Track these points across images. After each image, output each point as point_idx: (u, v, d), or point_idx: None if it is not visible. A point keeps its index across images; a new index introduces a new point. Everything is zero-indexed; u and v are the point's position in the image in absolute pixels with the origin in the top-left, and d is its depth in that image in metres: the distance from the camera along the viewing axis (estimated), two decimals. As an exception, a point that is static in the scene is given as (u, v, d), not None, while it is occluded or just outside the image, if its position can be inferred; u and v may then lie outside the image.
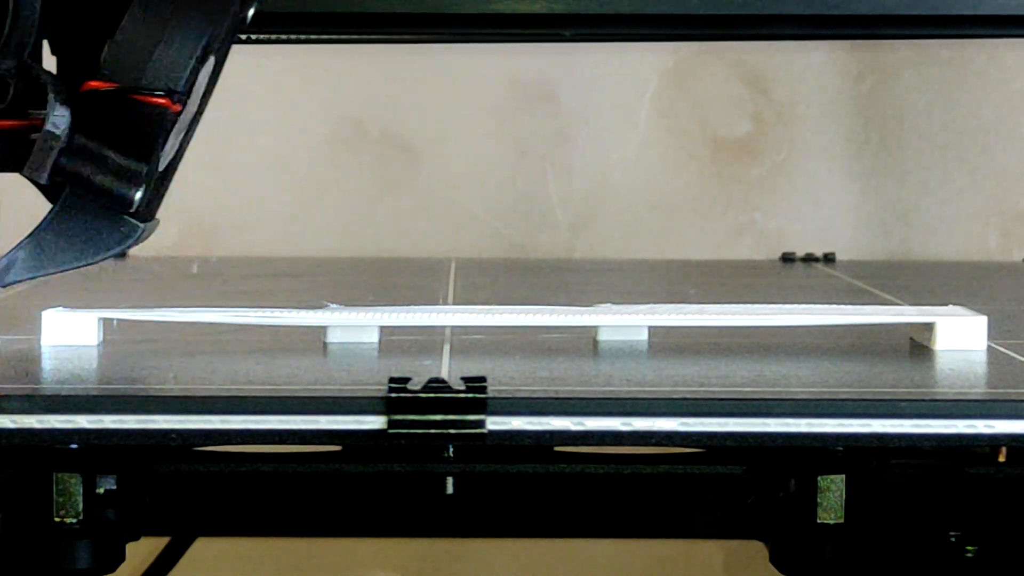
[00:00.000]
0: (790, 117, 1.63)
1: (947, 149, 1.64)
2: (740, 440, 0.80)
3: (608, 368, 0.87)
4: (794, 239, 1.62)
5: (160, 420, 0.80)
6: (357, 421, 0.80)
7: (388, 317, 0.93)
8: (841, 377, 0.86)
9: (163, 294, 1.19)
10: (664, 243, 1.63)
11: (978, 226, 1.64)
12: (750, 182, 1.64)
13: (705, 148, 1.63)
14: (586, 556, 1.61)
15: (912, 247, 1.63)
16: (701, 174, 1.63)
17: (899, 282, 1.27)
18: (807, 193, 1.63)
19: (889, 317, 0.94)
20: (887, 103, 1.64)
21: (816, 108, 1.63)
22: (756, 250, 1.63)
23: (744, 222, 1.64)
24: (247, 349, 0.91)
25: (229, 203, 1.62)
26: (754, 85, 1.64)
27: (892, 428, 0.80)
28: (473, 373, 0.81)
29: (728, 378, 0.85)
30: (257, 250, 1.61)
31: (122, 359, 0.89)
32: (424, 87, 1.63)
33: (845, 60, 1.63)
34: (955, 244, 1.63)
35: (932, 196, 1.63)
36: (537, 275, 1.37)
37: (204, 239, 1.63)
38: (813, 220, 1.63)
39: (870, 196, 1.64)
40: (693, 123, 1.63)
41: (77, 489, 0.90)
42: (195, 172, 1.61)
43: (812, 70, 1.63)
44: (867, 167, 1.64)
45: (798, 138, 1.63)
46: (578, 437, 0.80)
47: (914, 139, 1.63)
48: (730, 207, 1.64)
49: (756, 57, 1.63)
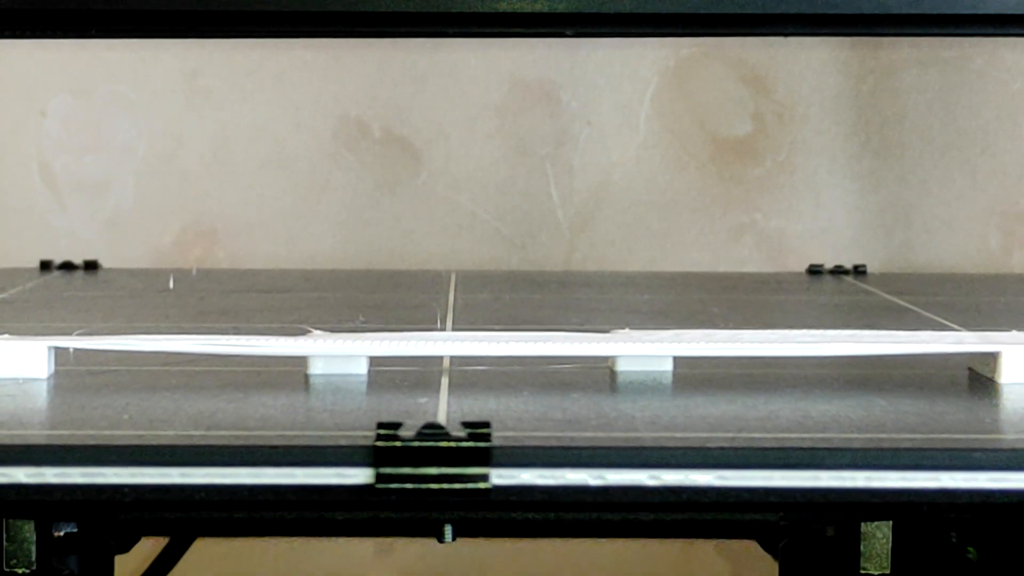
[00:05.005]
0: (790, 117, 1.53)
1: (947, 149, 1.53)
2: (786, 496, 0.61)
3: (630, 407, 0.68)
4: (794, 239, 1.52)
5: (109, 473, 0.61)
6: (339, 475, 0.61)
7: (378, 346, 0.72)
8: (899, 419, 0.66)
9: (134, 312, 0.98)
10: (664, 243, 1.52)
11: (978, 226, 1.53)
12: (750, 182, 1.53)
13: (705, 148, 1.53)
14: (586, 557, 1.50)
15: (912, 247, 1.53)
16: (701, 174, 1.53)
17: (940, 298, 1.06)
18: (807, 193, 1.53)
19: (947, 346, 0.74)
20: (888, 103, 1.53)
21: (817, 108, 1.53)
22: (756, 250, 1.52)
23: (744, 222, 1.53)
24: (217, 383, 0.71)
25: (229, 203, 1.50)
26: (754, 85, 1.53)
27: (965, 483, 0.61)
28: (475, 413, 0.62)
29: (769, 420, 0.65)
30: (257, 250, 1.50)
31: (72, 396, 0.69)
32: (425, 87, 1.52)
33: (846, 60, 1.53)
34: (955, 244, 1.53)
35: (932, 196, 1.53)
36: (544, 290, 1.15)
37: (203, 239, 1.50)
38: (813, 220, 1.52)
39: (870, 196, 1.53)
40: (693, 123, 1.53)
41: (30, 536, 0.72)
42: (195, 172, 1.50)
43: (813, 70, 1.53)
44: (867, 167, 1.53)
45: (798, 138, 1.53)
46: (598, 493, 0.61)
47: (915, 139, 1.53)
48: (730, 207, 1.53)
49: (756, 57, 1.53)
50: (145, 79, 1.48)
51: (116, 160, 1.48)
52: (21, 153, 1.48)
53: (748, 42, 1.50)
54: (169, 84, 1.48)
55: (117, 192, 1.48)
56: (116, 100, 1.48)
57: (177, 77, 1.48)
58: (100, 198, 1.48)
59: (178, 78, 1.48)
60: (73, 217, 1.47)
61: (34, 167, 1.47)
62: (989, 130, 1.52)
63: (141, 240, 1.48)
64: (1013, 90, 1.52)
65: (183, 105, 1.48)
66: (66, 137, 1.48)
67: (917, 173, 1.52)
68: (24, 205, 1.47)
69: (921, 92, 1.52)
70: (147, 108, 1.48)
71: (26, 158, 1.48)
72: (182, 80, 1.48)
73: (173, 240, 1.49)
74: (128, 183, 1.48)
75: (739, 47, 1.51)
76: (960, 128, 1.51)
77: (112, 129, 1.48)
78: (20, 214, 1.47)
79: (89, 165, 1.48)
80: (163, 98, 1.48)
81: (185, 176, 1.49)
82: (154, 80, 1.48)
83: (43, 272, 1.30)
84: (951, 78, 1.52)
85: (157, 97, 1.48)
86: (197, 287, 1.12)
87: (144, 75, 1.48)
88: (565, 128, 1.51)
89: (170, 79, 1.48)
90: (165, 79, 1.48)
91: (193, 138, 1.49)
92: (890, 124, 1.52)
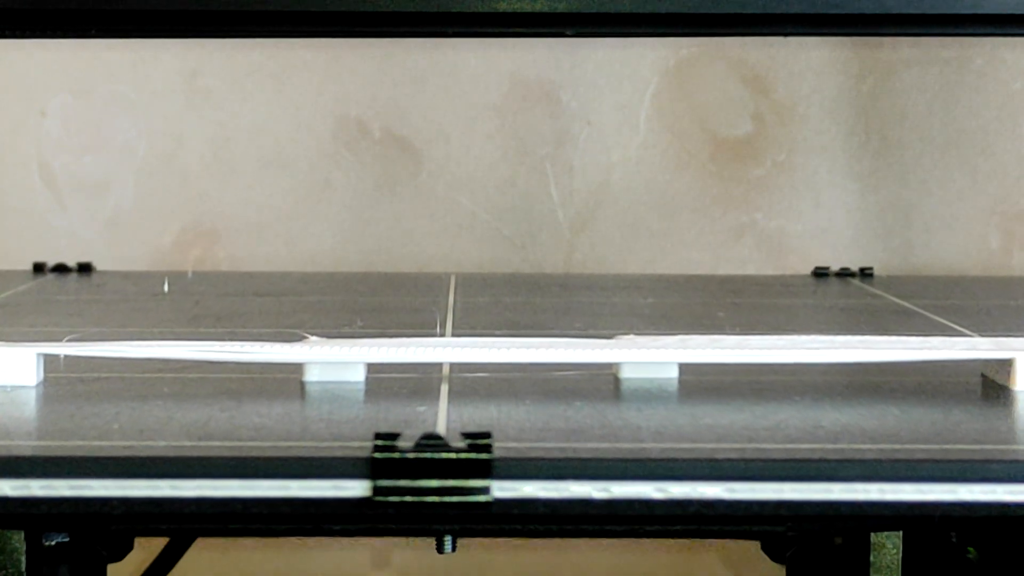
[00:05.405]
0: (791, 117, 1.50)
1: (947, 149, 1.50)
2: (797, 509, 0.58)
3: (635, 416, 0.64)
4: (794, 239, 1.49)
5: (97, 486, 0.58)
6: (336, 487, 0.58)
7: (376, 352, 0.69)
8: (913, 428, 0.62)
9: (127, 316, 0.94)
10: (664, 243, 1.49)
11: (978, 226, 1.50)
12: (750, 182, 1.50)
13: (705, 148, 1.50)
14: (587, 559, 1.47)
15: (912, 247, 1.50)
16: (701, 174, 1.50)
17: (950, 302, 1.02)
18: (807, 193, 1.50)
19: (961, 352, 0.70)
20: (888, 103, 1.51)
21: (817, 108, 1.50)
22: (756, 250, 1.49)
23: (744, 222, 1.50)
24: (210, 391, 0.68)
25: (229, 203, 1.48)
26: (754, 85, 1.50)
27: (983, 495, 0.58)
28: (475, 423, 0.58)
29: (779, 430, 0.62)
30: (257, 250, 1.47)
31: (61, 404, 0.65)
32: (425, 87, 1.49)
33: (845, 60, 1.50)
34: (955, 244, 1.50)
35: (932, 196, 1.50)
36: (545, 293, 1.12)
37: (204, 239, 1.47)
38: (813, 220, 1.49)
39: (870, 196, 1.50)
40: (693, 123, 1.50)
41: (20, 546, 0.69)
42: (195, 172, 1.48)
43: (813, 70, 1.50)
44: (867, 167, 1.50)
45: (799, 138, 1.50)
46: (603, 506, 0.57)
47: (914, 139, 1.50)
48: (730, 207, 1.50)
49: (757, 57, 1.50)
50: (145, 79, 1.46)
51: (116, 160, 1.46)
52: (21, 153, 1.46)
53: (748, 42, 1.49)
54: (169, 84, 1.46)
55: (117, 192, 1.46)
56: (116, 100, 1.46)
57: (177, 77, 1.46)
58: (100, 198, 1.46)
59: (178, 78, 1.46)
60: (73, 217, 1.46)
61: (34, 167, 1.45)
62: (989, 130, 1.49)
63: (141, 240, 1.46)
64: (1013, 90, 1.50)
65: (183, 105, 1.46)
66: (66, 137, 1.46)
67: (917, 173, 1.49)
68: (24, 205, 1.45)
69: (921, 92, 1.49)
70: (147, 108, 1.46)
71: (26, 158, 1.46)
72: (182, 80, 1.46)
73: (173, 240, 1.46)
74: (128, 183, 1.46)
75: (739, 47, 1.49)
76: (960, 128, 1.49)
77: (112, 129, 1.46)
78: (20, 214, 1.45)
79: (89, 165, 1.46)
80: (163, 98, 1.46)
81: (185, 176, 1.47)
82: (154, 80, 1.46)
83: (36, 274, 1.27)
84: (951, 78, 1.50)
85: (157, 97, 1.46)
86: (192, 290, 1.08)
87: (144, 75, 1.46)
88: (565, 128, 1.49)
89: (170, 79, 1.46)
90: (165, 79, 1.46)
91: (193, 138, 1.47)
92: (890, 124, 1.50)
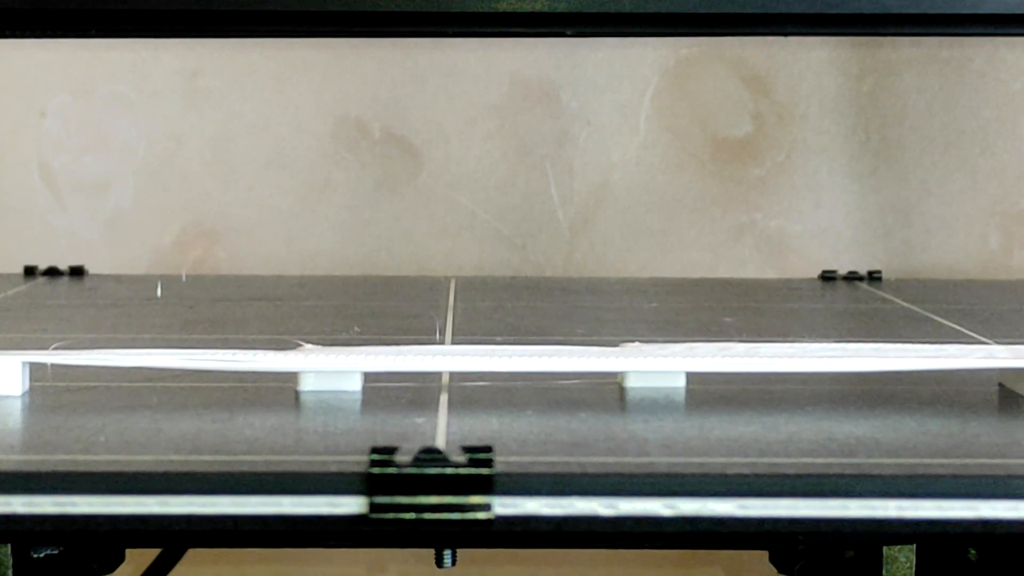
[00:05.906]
0: (791, 117, 1.47)
1: (947, 149, 1.48)
2: (811, 526, 0.55)
3: (641, 428, 0.60)
4: (794, 239, 1.46)
5: (82, 503, 0.54)
6: (330, 504, 0.55)
7: (373, 361, 0.65)
8: (931, 441, 0.59)
9: (118, 322, 0.90)
10: (664, 243, 1.47)
11: (978, 226, 1.48)
12: (750, 182, 1.47)
13: (705, 148, 1.47)
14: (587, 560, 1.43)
15: (912, 247, 1.47)
16: (701, 174, 1.47)
17: (960, 306, 0.99)
18: (807, 193, 1.47)
19: (978, 361, 0.66)
20: (888, 103, 1.48)
21: (817, 108, 1.47)
22: (756, 250, 1.46)
23: (744, 222, 1.47)
24: (201, 401, 0.64)
25: (229, 203, 1.45)
26: (754, 85, 1.47)
27: (1005, 512, 0.54)
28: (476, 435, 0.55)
29: (792, 443, 0.58)
30: (256, 250, 1.44)
31: (46, 415, 0.62)
32: (425, 87, 1.47)
33: (845, 60, 1.48)
34: (955, 244, 1.48)
35: (932, 196, 1.47)
36: (546, 297, 1.08)
37: (203, 239, 1.45)
38: (813, 220, 1.47)
39: (870, 196, 1.48)
40: (693, 123, 1.47)
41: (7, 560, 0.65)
42: (195, 172, 1.46)
43: (812, 70, 1.47)
44: (867, 167, 1.47)
45: (798, 138, 1.47)
46: (608, 523, 0.54)
47: (914, 139, 1.48)
48: (730, 207, 1.47)
49: (756, 57, 1.47)
50: (145, 79, 1.43)
51: (116, 160, 1.43)
52: (21, 153, 1.43)
53: (748, 42, 1.47)
54: (169, 84, 1.43)
55: (117, 192, 1.43)
56: (116, 100, 1.43)
57: (177, 77, 1.44)
58: (100, 198, 1.43)
59: (178, 78, 1.43)
60: (73, 217, 1.43)
61: (34, 167, 1.43)
62: (989, 130, 1.47)
63: (141, 240, 1.44)
64: (1013, 90, 1.47)
65: (183, 105, 1.43)
66: (66, 137, 1.43)
67: (917, 173, 1.47)
68: (24, 205, 1.43)
69: (921, 92, 1.47)
70: (147, 108, 1.43)
71: (26, 158, 1.43)
72: (182, 80, 1.43)
73: (173, 240, 1.43)
74: (128, 183, 1.43)
75: (739, 47, 1.47)
76: (960, 128, 1.47)
77: (112, 129, 1.43)
78: (19, 214, 1.43)
79: (89, 165, 1.43)
80: (163, 98, 1.43)
81: (185, 176, 1.44)
82: (154, 80, 1.43)
83: (27, 278, 1.23)
84: (951, 78, 1.48)
85: (157, 97, 1.43)
86: (186, 294, 1.04)
87: (144, 75, 1.43)
88: (565, 128, 1.46)
89: (170, 79, 1.43)
90: (165, 79, 1.43)
91: (193, 138, 1.44)
92: (890, 124, 1.47)
